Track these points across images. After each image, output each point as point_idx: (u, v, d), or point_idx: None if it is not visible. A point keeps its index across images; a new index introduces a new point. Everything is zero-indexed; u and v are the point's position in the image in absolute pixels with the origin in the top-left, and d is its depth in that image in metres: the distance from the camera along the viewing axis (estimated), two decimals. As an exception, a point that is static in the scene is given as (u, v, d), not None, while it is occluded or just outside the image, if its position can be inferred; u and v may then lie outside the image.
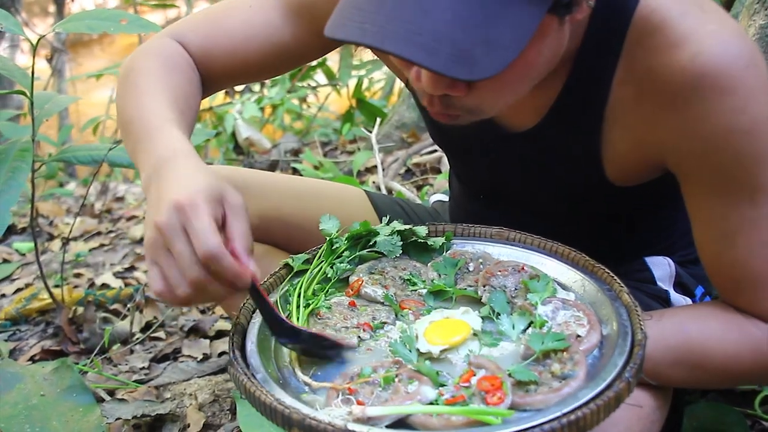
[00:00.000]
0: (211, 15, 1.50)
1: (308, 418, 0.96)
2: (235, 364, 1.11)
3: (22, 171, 2.11)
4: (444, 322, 1.19)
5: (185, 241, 1.01)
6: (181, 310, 2.70)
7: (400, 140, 3.84)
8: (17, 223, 3.80)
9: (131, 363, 2.36)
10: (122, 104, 1.35)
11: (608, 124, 1.29)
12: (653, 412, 1.28)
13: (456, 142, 1.57)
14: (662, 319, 1.27)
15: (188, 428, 1.98)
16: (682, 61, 1.15)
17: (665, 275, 1.52)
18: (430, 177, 3.44)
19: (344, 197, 1.81)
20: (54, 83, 6.90)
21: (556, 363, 1.06)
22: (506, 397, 0.99)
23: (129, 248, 3.46)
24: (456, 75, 0.98)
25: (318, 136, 4.58)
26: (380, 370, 1.09)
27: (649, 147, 1.27)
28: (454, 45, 0.97)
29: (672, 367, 1.26)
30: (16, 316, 2.71)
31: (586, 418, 0.94)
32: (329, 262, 1.36)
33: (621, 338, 1.09)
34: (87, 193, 3.13)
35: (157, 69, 1.38)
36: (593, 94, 1.28)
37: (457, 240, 1.42)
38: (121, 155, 2.34)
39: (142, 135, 1.23)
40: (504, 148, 1.43)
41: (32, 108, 2.25)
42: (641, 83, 1.22)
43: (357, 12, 1.03)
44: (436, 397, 1.02)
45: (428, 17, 0.97)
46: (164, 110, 1.28)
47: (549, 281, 1.24)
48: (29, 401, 2.06)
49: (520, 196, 1.50)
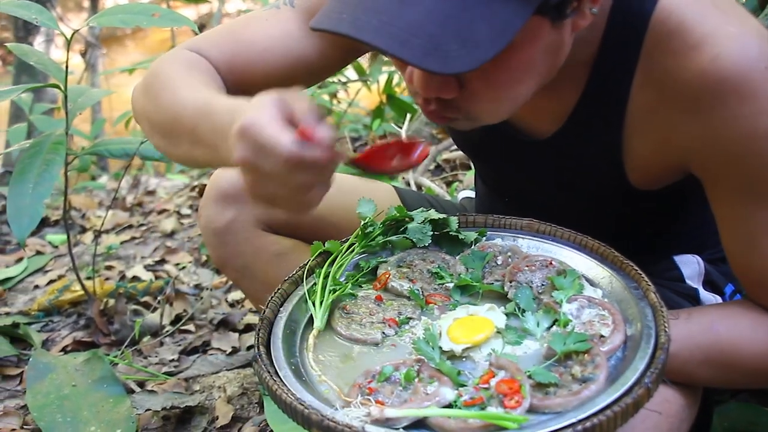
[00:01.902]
0: (229, 29, 1.49)
1: (326, 420, 0.97)
2: (259, 361, 1.12)
3: (56, 164, 2.14)
4: (468, 319, 1.19)
5: (266, 159, 0.98)
6: (210, 303, 2.72)
7: (429, 136, 3.83)
8: (50, 216, 3.84)
9: (161, 355, 2.39)
10: (158, 107, 1.32)
11: (628, 130, 1.28)
12: (682, 411, 1.27)
13: (477, 148, 1.56)
14: (690, 318, 1.26)
15: (217, 420, 2.00)
16: (701, 63, 1.13)
17: (694, 273, 1.51)
18: (460, 173, 3.44)
19: (374, 192, 1.80)
20: (87, 77, 6.98)
21: (577, 365, 1.05)
22: (524, 400, 0.99)
23: (160, 241, 3.48)
24: (428, 67, 0.98)
25: (348, 131, 4.58)
26: (402, 368, 1.09)
27: (671, 151, 1.26)
28: (429, 38, 0.97)
29: (701, 366, 1.25)
30: (49, 308, 2.75)
31: (602, 424, 0.94)
32: (362, 245, 1.37)
33: (644, 341, 1.08)
34: (119, 187, 3.15)
35: (180, 70, 1.36)
36: (612, 100, 1.27)
37: (488, 231, 1.41)
38: (152, 149, 2.36)
39: (197, 120, 1.19)
40: (524, 155, 1.43)
41: (66, 102, 2.28)
42: (660, 87, 1.20)
43: (339, 3, 1.04)
44: (455, 398, 1.03)
45: (404, 9, 0.98)
46: (205, 90, 1.26)
47: (575, 278, 1.23)
48: (61, 391, 2.10)
49: (544, 200, 1.49)
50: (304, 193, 1.02)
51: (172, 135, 1.29)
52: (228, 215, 1.62)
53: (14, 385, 2.29)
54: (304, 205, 1.05)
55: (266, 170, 0.98)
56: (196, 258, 3.21)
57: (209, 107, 1.17)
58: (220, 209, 1.62)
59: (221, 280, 2.90)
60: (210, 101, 1.19)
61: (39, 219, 2.07)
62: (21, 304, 2.86)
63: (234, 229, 1.63)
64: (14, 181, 2.10)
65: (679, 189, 1.35)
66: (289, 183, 1.00)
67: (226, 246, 1.66)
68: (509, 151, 1.44)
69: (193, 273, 3.06)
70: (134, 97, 1.42)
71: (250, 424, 1.98)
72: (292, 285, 1.30)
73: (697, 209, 1.45)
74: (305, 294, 1.28)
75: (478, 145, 1.52)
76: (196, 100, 1.22)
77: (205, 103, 1.19)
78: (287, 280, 1.30)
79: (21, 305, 2.85)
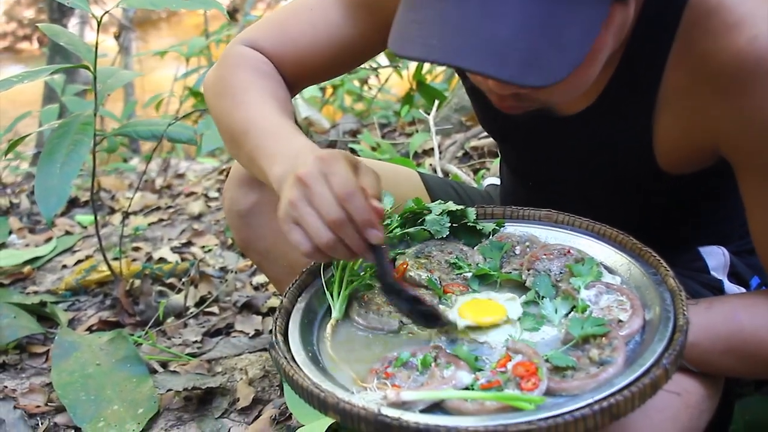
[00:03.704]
0: (277, 20, 1.55)
1: (342, 402, 0.97)
2: (276, 347, 1.12)
3: (84, 144, 2.16)
4: (484, 302, 1.19)
5: (325, 184, 1.08)
6: (235, 286, 2.73)
7: (458, 123, 3.81)
8: (80, 197, 3.88)
9: (184, 336, 2.41)
10: (228, 120, 1.42)
11: (660, 110, 1.27)
12: (702, 402, 1.26)
13: (505, 128, 1.55)
14: (712, 307, 1.24)
15: (238, 402, 2.02)
16: (739, 44, 1.12)
17: (719, 265, 1.49)
18: (488, 161, 3.42)
19: (397, 177, 1.81)
20: (121, 60, 7.02)
21: (594, 348, 1.05)
22: (540, 382, 0.99)
23: (187, 224, 3.50)
24: (530, 83, 0.97)
25: (378, 117, 4.58)
26: (419, 354, 1.09)
27: (703, 134, 1.24)
28: (524, 50, 0.96)
29: (722, 356, 1.23)
30: (76, 287, 2.78)
31: (619, 404, 0.93)
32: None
33: (662, 324, 1.07)
34: (146, 168, 3.17)
35: (253, 81, 1.44)
36: (645, 79, 1.25)
37: (506, 222, 1.41)
38: (179, 131, 2.38)
39: (263, 141, 1.30)
40: (553, 132, 1.41)
41: (95, 82, 2.30)
42: (696, 67, 1.19)
43: (417, 27, 1.02)
44: (471, 382, 1.03)
45: (492, 25, 0.97)
46: (277, 117, 1.35)
47: (593, 265, 1.23)
48: (85, 370, 2.12)
49: (568, 183, 1.48)
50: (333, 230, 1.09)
51: (235, 144, 1.41)
52: (252, 198, 1.62)
53: (40, 363, 2.32)
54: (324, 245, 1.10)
55: (317, 190, 1.08)
56: (222, 241, 3.23)
57: (279, 135, 1.29)
58: (244, 192, 1.62)
59: (246, 263, 2.92)
60: (280, 131, 1.30)
61: (66, 199, 2.09)
62: (49, 283, 2.90)
63: (257, 211, 1.63)
64: (42, 161, 2.12)
65: (706, 176, 1.33)
66: (328, 212, 1.08)
67: (249, 228, 1.66)
68: (537, 129, 1.43)
69: (219, 256, 3.07)
70: (205, 92, 1.53)
71: (270, 406, 1.99)
72: (310, 276, 1.30)
73: (724, 199, 1.43)
74: (323, 285, 1.28)
75: (506, 124, 1.51)
76: (266, 125, 1.33)
77: (275, 132, 1.30)
78: (306, 271, 1.30)
79: (49, 284, 2.89)
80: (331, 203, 1.07)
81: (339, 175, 1.08)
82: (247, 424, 1.94)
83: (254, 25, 1.58)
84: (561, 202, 1.41)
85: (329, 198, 1.07)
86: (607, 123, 1.33)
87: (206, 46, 5.10)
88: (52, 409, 2.07)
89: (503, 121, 1.50)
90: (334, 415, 0.98)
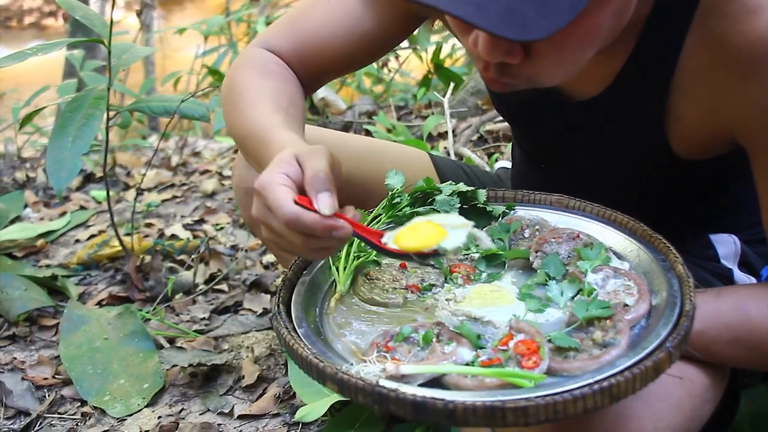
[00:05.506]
0: (293, 18, 1.54)
1: (341, 373, 0.97)
2: (278, 318, 1.12)
3: (95, 118, 2.16)
4: (423, 225, 1.13)
5: (271, 218, 1.06)
6: (245, 264, 2.73)
7: (474, 107, 3.78)
8: (96, 173, 3.89)
9: (192, 313, 2.41)
10: (232, 123, 1.42)
11: (675, 94, 1.25)
12: (706, 391, 1.24)
13: (518, 110, 1.53)
14: (720, 296, 1.22)
15: (242, 380, 2.02)
16: (758, 29, 1.10)
17: (729, 253, 1.47)
18: (503, 145, 3.39)
19: (407, 158, 1.80)
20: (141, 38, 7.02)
21: (598, 330, 1.04)
22: (542, 361, 0.98)
23: (200, 201, 3.51)
24: (505, 34, 0.94)
25: (395, 100, 4.56)
26: (421, 330, 1.08)
27: (719, 119, 1.22)
28: (505, 4, 0.93)
29: (729, 346, 1.21)
30: (88, 261, 2.79)
31: (620, 385, 0.92)
32: (389, 216, 1.36)
33: (668, 309, 1.06)
34: (159, 145, 3.17)
35: (253, 80, 1.43)
36: (661, 63, 1.23)
37: (517, 206, 1.40)
38: (192, 107, 2.37)
39: (257, 148, 1.29)
40: (567, 116, 1.40)
41: (109, 57, 2.29)
42: (713, 52, 1.17)
43: None
44: (472, 358, 1.02)
45: None
46: (269, 117, 1.33)
47: (602, 249, 1.22)
48: (93, 343, 2.13)
49: (581, 167, 1.46)
50: (309, 250, 1.08)
51: (242, 150, 1.41)
52: (259, 175, 1.61)
53: (50, 335, 2.33)
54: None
55: (273, 227, 1.07)
56: (234, 219, 3.23)
57: (268, 141, 1.26)
58: (252, 169, 1.62)
59: (257, 242, 2.91)
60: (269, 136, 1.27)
61: (76, 172, 2.09)
62: (61, 257, 2.91)
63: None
64: (54, 135, 2.12)
65: (720, 163, 1.31)
66: (290, 241, 1.06)
67: (256, 205, 1.66)
68: (551, 112, 1.41)
69: (230, 234, 3.08)
70: (222, 97, 1.52)
71: (275, 384, 1.99)
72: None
73: (737, 187, 1.41)
74: (329, 259, 1.27)
75: (519, 106, 1.49)
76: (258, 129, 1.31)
77: (265, 137, 1.28)
78: None
79: (61, 258, 2.90)
80: (285, 232, 1.05)
81: (275, 206, 1.03)
82: (251, 402, 1.95)
83: (269, 27, 1.59)
84: (573, 185, 1.40)
85: (280, 228, 1.05)
86: (621, 107, 1.32)
87: (226, 24, 5.08)
88: (60, 382, 2.08)
89: (516, 101, 1.49)
90: (332, 385, 0.98)
